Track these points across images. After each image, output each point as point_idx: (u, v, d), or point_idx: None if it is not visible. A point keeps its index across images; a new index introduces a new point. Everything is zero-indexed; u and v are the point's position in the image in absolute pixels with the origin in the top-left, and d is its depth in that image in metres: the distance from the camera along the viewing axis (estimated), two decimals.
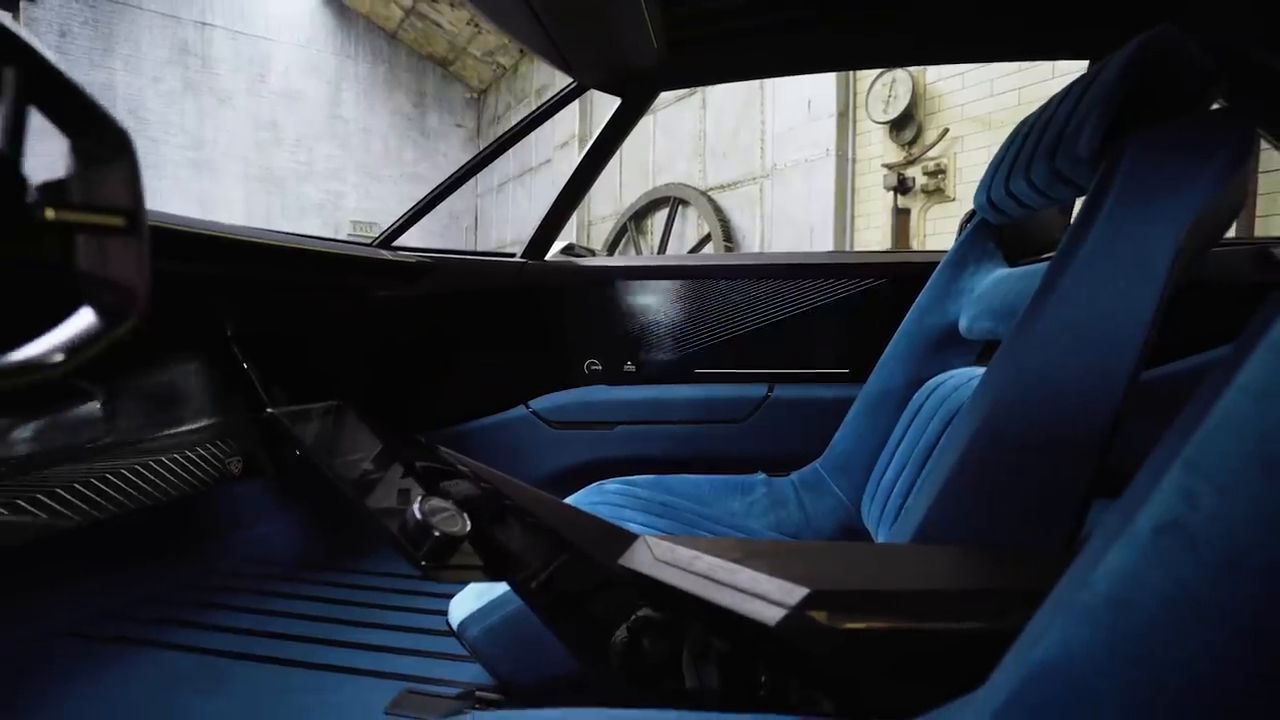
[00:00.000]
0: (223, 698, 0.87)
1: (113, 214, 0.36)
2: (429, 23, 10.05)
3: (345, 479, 0.57)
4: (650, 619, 0.58)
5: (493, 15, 1.00)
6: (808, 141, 5.01)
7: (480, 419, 1.49)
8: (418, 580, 1.21)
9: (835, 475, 1.12)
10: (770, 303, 1.45)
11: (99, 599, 1.11)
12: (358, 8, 10.26)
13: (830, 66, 1.17)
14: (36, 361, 0.33)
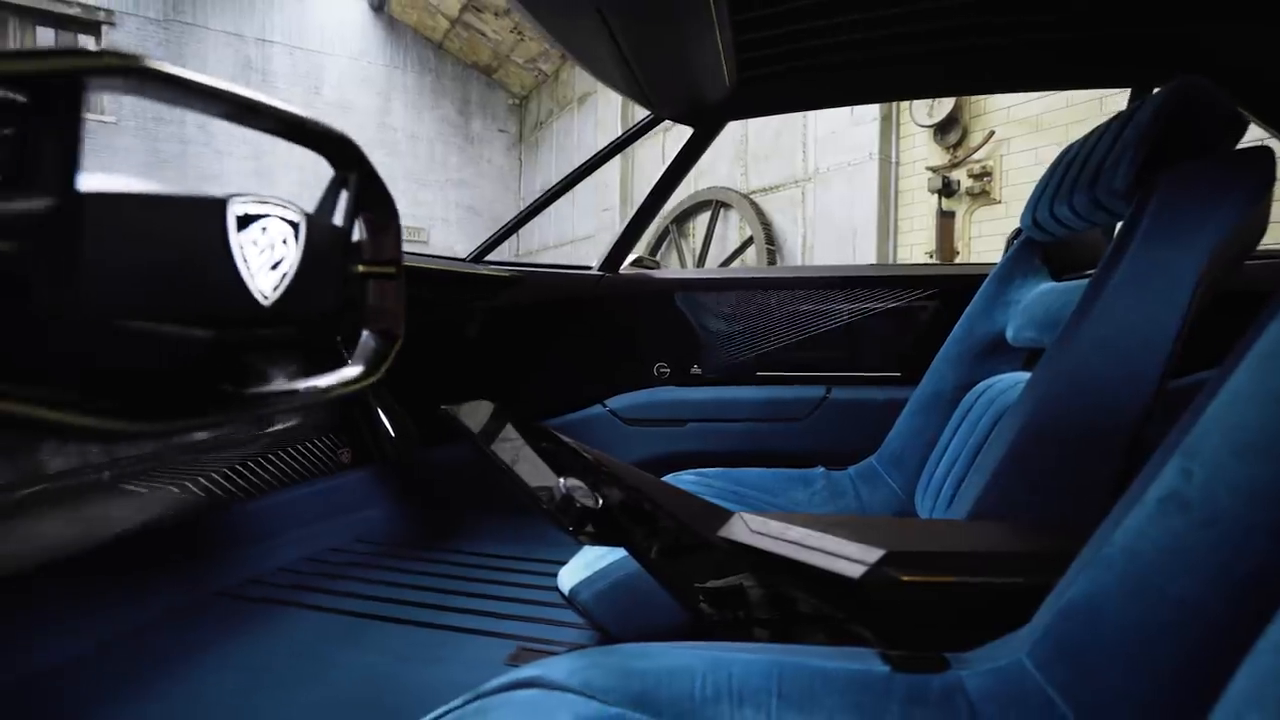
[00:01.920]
0: (364, 651, 1.03)
1: (388, 265, 0.51)
2: (474, 32, 10.35)
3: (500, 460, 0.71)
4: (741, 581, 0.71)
5: (584, 61, 1.14)
6: (850, 145, 5.05)
7: (564, 415, 1.64)
8: (514, 559, 1.37)
9: (889, 469, 1.23)
10: (827, 311, 1.56)
11: (241, 568, 1.29)
12: (406, 20, 10.63)
13: (890, 97, 1.28)
14: (356, 378, 0.48)
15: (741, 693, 0.52)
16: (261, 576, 1.28)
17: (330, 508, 1.47)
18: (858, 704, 0.51)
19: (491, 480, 1.63)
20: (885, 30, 1.07)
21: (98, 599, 1.08)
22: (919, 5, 1.00)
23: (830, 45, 1.10)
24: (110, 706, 0.90)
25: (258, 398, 0.38)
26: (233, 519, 1.30)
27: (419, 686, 0.93)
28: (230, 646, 1.05)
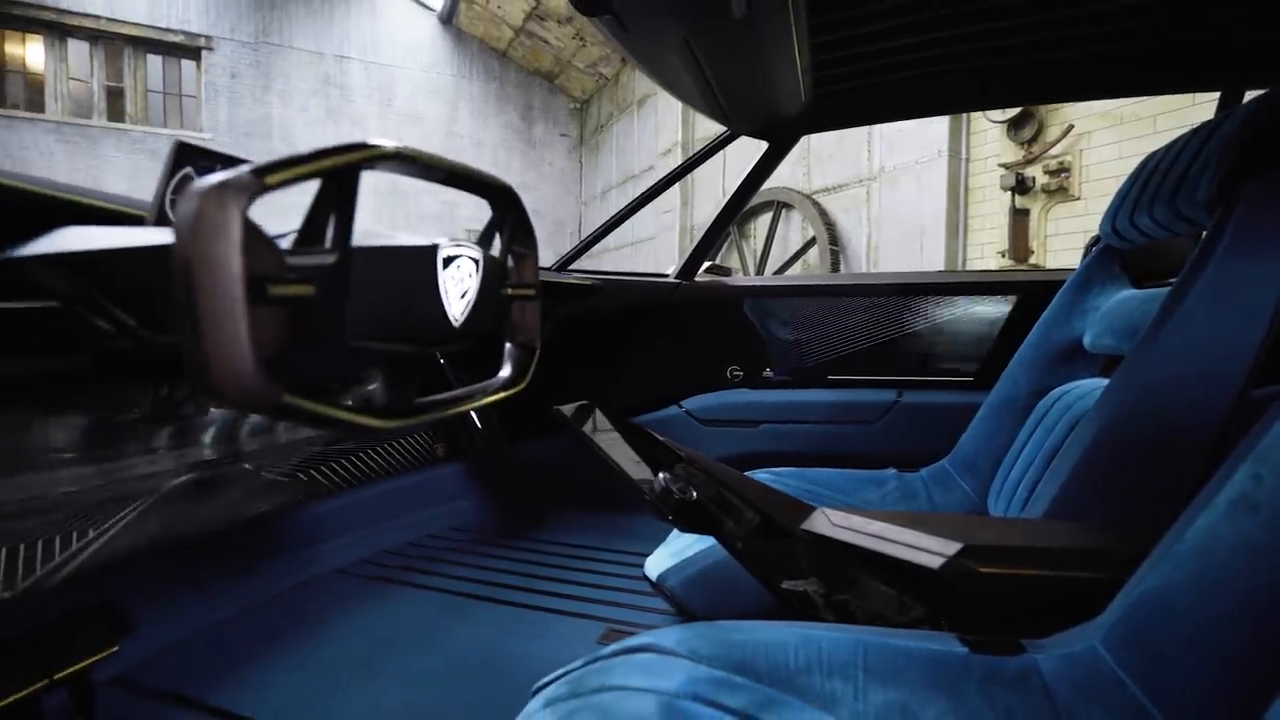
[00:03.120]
0: (471, 626, 1.15)
1: (529, 288, 0.61)
2: (537, 40, 10.63)
3: (605, 455, 0.80)
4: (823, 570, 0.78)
5: (667, 84, 1.22)
6: (918, 143, 4.95)
7: (642, 415, 1.73)
8: (596, 548, 1.47)
9: (962, 472, 1.25)
10: (898, 317, 1.59)
11: (355, 549, 1.43)
12: (473, 31, 11.02)
13: (966, 108, 1.30)
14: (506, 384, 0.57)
15: (830, 665, 0.58)
16: (371, 558, 1.43)
17: (427, 498, 1.61)
18: (937, 680, 0.56)
19: (573, 475, 1.74)
20: (964, 45, 1.10)
21: (240, 570, 1.24)
22: (997, 22, 1.02)
23: (906, 61, 1.14)
24: (260, 662, 1.04)
25: (447, 401, 0.48)
26: (346, 505, 1.45)
27: (522, 658, 1.04)
28: (354, 617, 1.18)
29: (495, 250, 0.62)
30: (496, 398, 0.54)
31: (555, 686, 0.57)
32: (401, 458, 1.58)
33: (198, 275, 0.30)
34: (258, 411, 0.34)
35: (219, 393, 0.31)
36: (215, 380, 0.31)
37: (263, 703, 0.94)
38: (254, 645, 1.09)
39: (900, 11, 0.98)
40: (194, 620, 1.13)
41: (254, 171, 0.33)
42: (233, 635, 1.12)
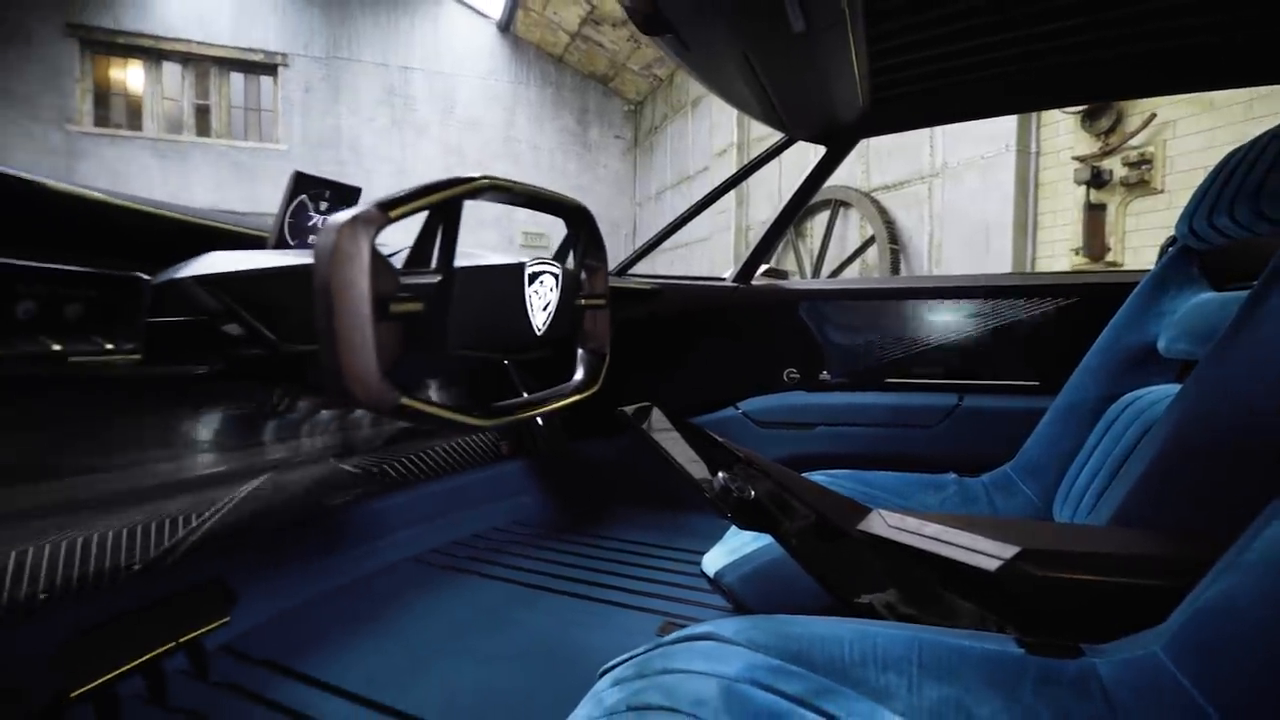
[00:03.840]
0: (536, 614, 1.21)
1: (600, 298, 0.66)
2: (592, 44, 10.77)
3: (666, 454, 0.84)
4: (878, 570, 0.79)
5: (725, 94, 1.25)
6: (984, 136, 4.77)
7: (699, 416, 1.77)
8: (654, 545, 1.52)
9: (1026, 478, 1.23)
10: (959, 320, 1.57)
11: (427, 538, 1.53)
12: (529, 38, 11.26)
13: (1034, 107, 1.27)
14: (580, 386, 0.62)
15: (885, 660, 0.60)
16: (442, 547, 1.52)
17: (492, 493, 1.69)
18: (992, 679, 0.58)
19: (631, 474, 1.79)
20: (1027, 46, 1.08)
21: (326, 554, 1.35)
22: (1061, 21, 1.01)
23: (967, 64, 1.14)
24: (347, 639, 1.13)
25: (531, 403, 0.53)
26: (418, 497, 1.55)
27: (585, 646, 1.09)
28: (429, 601, 1.27)
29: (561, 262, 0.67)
30: (572, 400, 0.59)
31: (622, 668, 0.62)
32: (468, 454, 1.67)
33: (335, 297, 0.36)
34: (380, 412, 0.39)
35: (349, 396, 0.37)
36: (347, 385, 0.37)
37: (351, 676, 1.02)
38: (340, 624, 1.19)
39: (961, 16, 0.98)
40: (287, 598, 1.24)
41: (379, 206, 0.39)
42: (321, 614, 1.22)
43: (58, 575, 0.89)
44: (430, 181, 0.43)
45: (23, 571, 0.85)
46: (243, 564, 1.18)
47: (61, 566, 0.90)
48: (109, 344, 0.54)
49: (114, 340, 0.55)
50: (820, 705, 0.55)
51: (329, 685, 1.00)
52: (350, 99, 10.44)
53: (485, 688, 0.99)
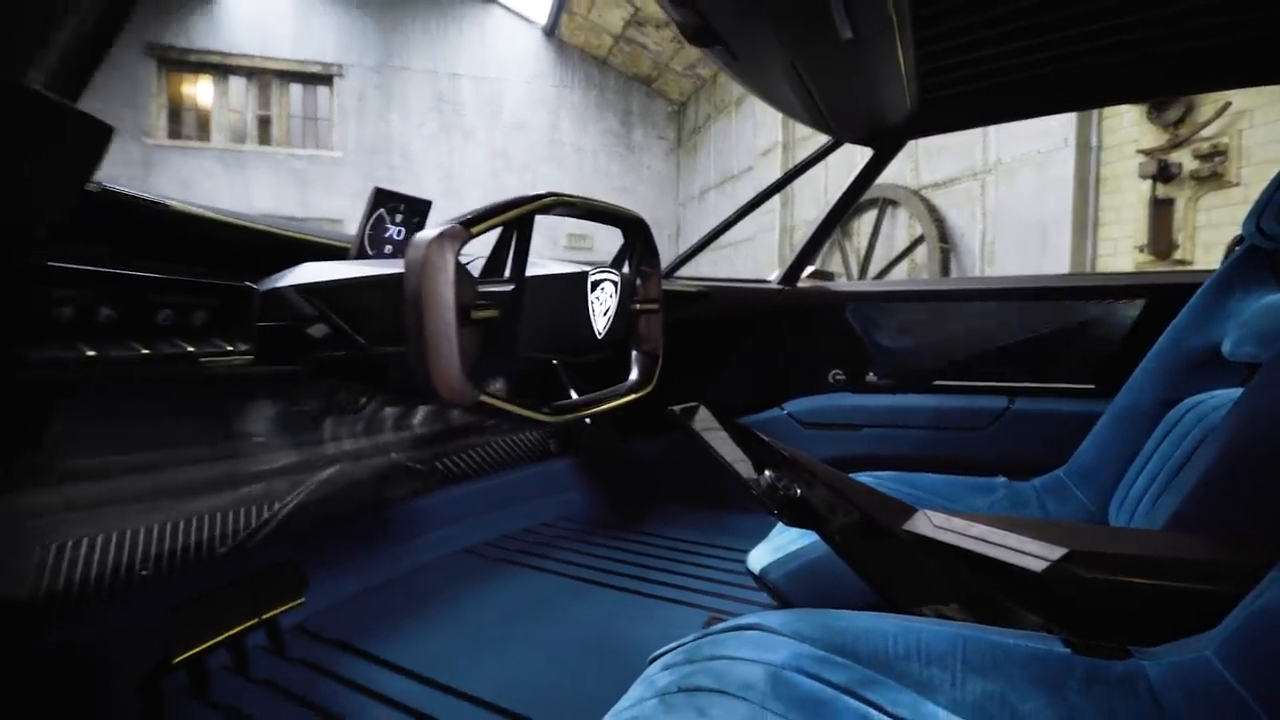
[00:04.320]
0: (585, 606, 1.26)
1: (654, 302, 0.70)
2: (636, 46, 10.84)
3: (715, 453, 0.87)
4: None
5: (771, 100, 1.27)
6: (1040, 131, 4.61)
7: (744, 417, 1.79)
8: (698, 543, 1.55)
9: (1079, 482, 1.21)
10: (1010, 321, 1.54)
11: (479, 531, 1.59)
12: (573, 41, 11.40)
13: (1087, 105, 1.24)
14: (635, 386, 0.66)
15: (929, 654, 0.62)
16: (493, 540, 1.58)
17: (541, 489, 1.75)
18: (1038, 676, 0.59)
19: (675, 473, 1.82)
20: (1080, 44, 1.07)
21: (387, 544, 1.43)
22: (1115, 19, 0.99)
23: (1017, 64, 1.13)
24: (409, 624, 1.20)
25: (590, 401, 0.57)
26: (472, 492, 1.62)
27: (632, 637, 1.13)
28: (483, 591, 1.33)
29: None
30: (628, 399, 0.63)
31: (671, 654, 0.65)
32: (518, 452, 1.73)
33: (424, 306, 0.41)
34: (460, 408, 0.44)
35: (435, 394, 0.42)
36: (434, 384, 0.41)
37: (413, 657, 1.09)
38: (401, 609, 1.26)
39: (1010, 18, 0.97)
40: (352, 584, 1.32)
41: (462, 223, 0.44)
42: (383, 599, 1.30)
43: (155, 554, 0.98)
44: (504, 200, 0.47)
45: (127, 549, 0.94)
46: (313, 550, 1.27)
47: (156, 546, 0.99)
48: (229, 346, 0.62)
49: (232, 342, 0.62)
50: (864, 694, 0.57)
51: (393, 664, 1.07)
52: (401, 106, 10.77)
53: (538, 671, 1.04)
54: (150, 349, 0.58)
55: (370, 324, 0.57)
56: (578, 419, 0.57)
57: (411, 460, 1.46)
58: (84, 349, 0.54)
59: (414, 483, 1.46)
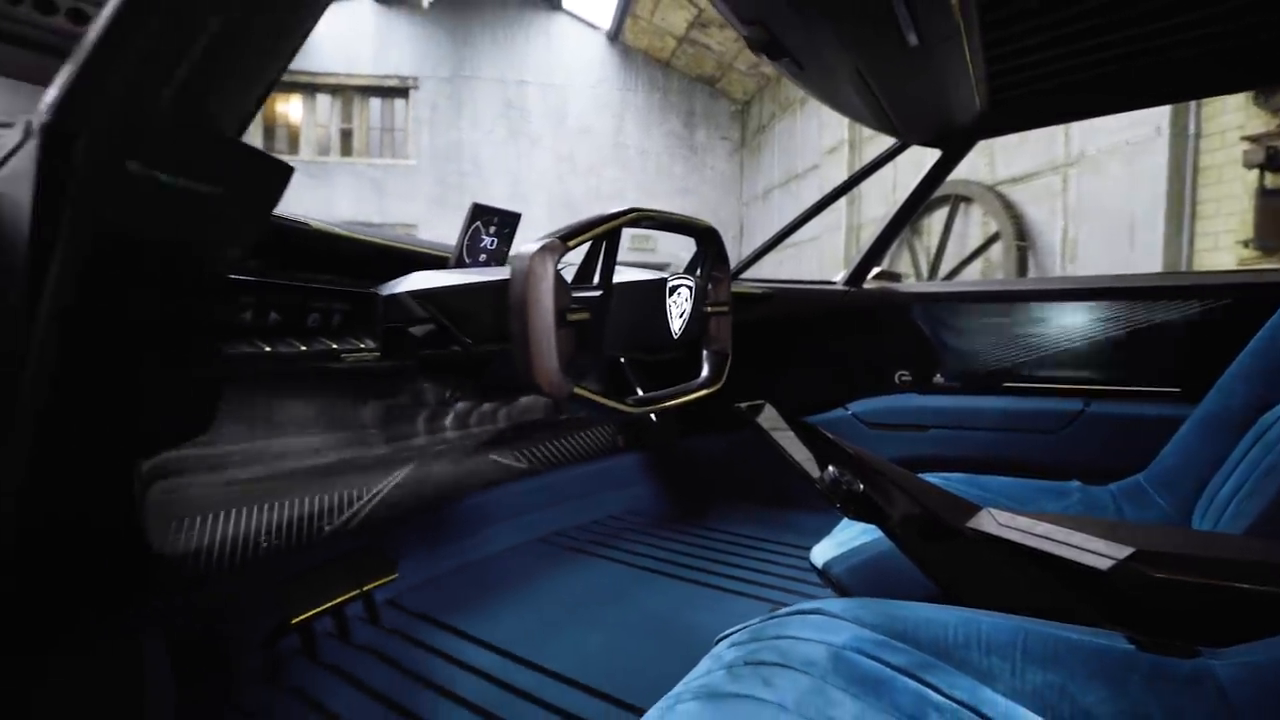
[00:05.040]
0: (650, 594, 1.32)
1: (723, 305, 0.75)
2: (699, 47, 10.85)
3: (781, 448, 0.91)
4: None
5: (838, 106, 1.29)
6: (1129, 120, 4.35)
7: (809, 417, 1.81)
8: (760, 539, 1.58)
9: (1160, 489, 1.17)
10: (1085, 322, 1.50)
11: (552, 521, 1.68)
12: (637, 45, 11.52)
13: (1165, 100, 1.20)
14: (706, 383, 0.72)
15: (990, 644, 0.64)
16: (565, 530, 1.67)
17: (610, 482, 1.83)
18: (1099, 671, 0.60)
19: (739, 470, 1.86)
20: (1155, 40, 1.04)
21: (467, 531, 1.53)
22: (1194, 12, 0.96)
23: (1092, 61, 1.11)
24: (490, 602, 1.30)
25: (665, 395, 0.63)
26: (545, 484, 1.71)
27: (698, 623, 1.18)
28: (556, 576, 1.41)
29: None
30: (700, 394, 0.68)
31: (738, 634, 0.70)
32: (589, 447, 1.81)
33: (528, 310, 0.47)
34: (557, 398, 0.51)
35: (536, 386, 0.49)
36: (535, 378, 0.48)
37: (494, 633, 1.18)
38: (482, 590, 1.36)
39: (1081, 17, 0.97)
40: (437, 566, 1.43)
41: (560, 238, 0.50)
42: (465, 580, 1.40)
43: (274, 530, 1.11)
44: (594, 216, 0.54)
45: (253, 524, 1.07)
46: (403, 533, 1.38)
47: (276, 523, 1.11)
48: (360, 344, 0.72)
49: (362, 340, 0.72)
50: (922, 676, 0.60)
51: (474, 638, 1.16)
52: (471, 114, 11.18)
53: (609, 651, 1.10)
54: (307, 346, 0.69)
55: (473, 325, 0.65)
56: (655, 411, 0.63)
57: (492, 453, 1.56)
58: (262, 345, 0.65)
59: (492, 474, 1.56)
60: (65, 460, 0.51)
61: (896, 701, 0.57)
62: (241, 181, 0.48)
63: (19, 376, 0.42)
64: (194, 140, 0.43)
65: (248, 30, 0.41)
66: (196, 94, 0.41)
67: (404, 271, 0.77)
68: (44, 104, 0.38)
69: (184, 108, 0.41)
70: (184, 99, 0.40)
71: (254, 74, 0.45)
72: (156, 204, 0.42)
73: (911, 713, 0.56)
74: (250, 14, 0.41)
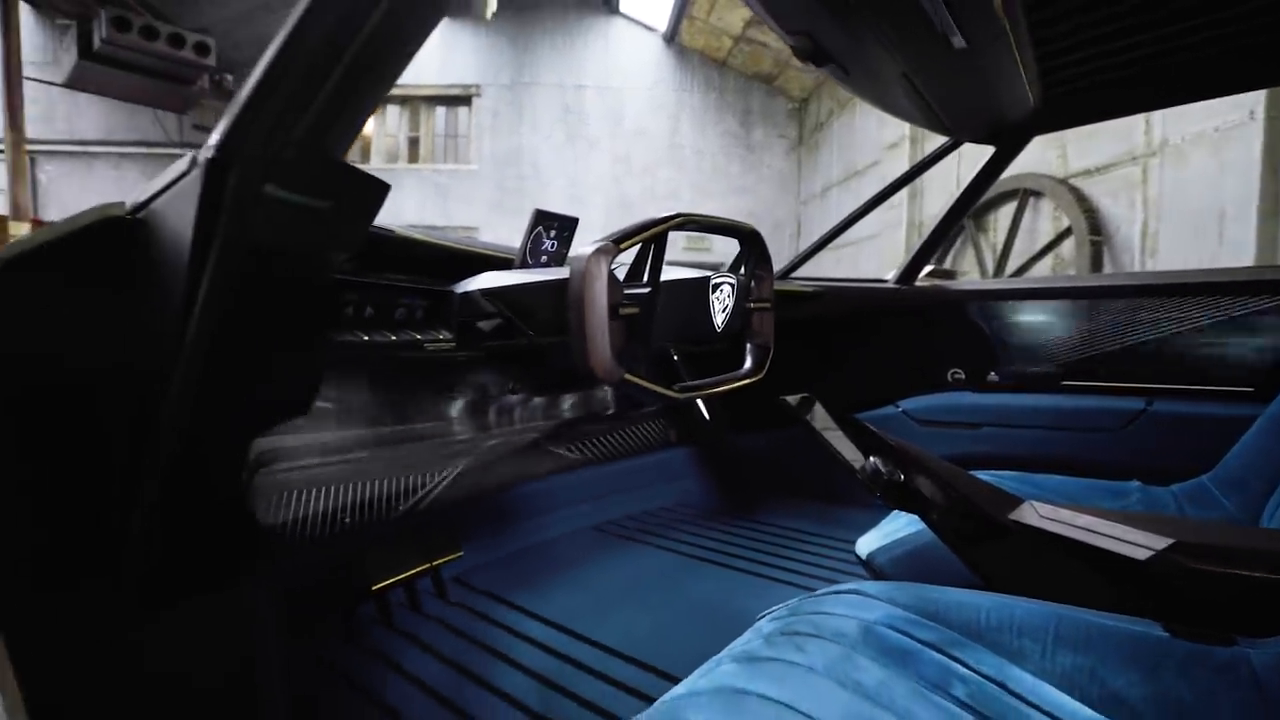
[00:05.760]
0: (698, 581, 1.37)
1: (766, 301, 0.80)
2: (756, 45, 10.76)
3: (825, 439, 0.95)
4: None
5: (887, 108, 1.31)
6: (1218, 105, 4.08)
7: (860, 413, 1.82)
8: (805, 532, 1.61)
9: (1226, 491, 1.14)
10: (1149, 319, 1.45)
11: (607, 510, 1.76)
12: (693, 45, 11.53)
13: (1231, 90, 1.16)
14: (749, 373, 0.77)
15: (1022, 628, 0.66)
16: (617, 519, 1.74)
17: (661, 475, 1.89)
18: (1132, 656, 0.61)
19: (788, 465, 1.89)
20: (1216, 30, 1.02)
21: (526, 515, 1.62)
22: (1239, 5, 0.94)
23: (1143, 56, 1.09)
24: (547, 583, 1.38)
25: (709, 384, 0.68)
26: (600, 475, 1.79)
27: (743, 609, 1.23)
28: (608, 562, 1.49)
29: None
30: (743, 384, 0.74)
31: (778, 611, 0.75)
32: (642, 440, 1.88)
33: (585, 305, 0.54)
34: (610, 383, 0.57)
35: (591, 373, 0.55)
36: (590, 365, 0.55)
37: (551, 609, 1.26)
38: (539, 571, 1.44)
39: (1132, 13, 0.96)
40: (498, 548, 1.53)
41: (613, 241, 0.57)
42: (524, 562, 1.49)
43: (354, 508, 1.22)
44: (644, 220, 0.61)
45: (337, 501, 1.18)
46: (468, 515, 1.48)
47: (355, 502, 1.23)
48: (439, 335, 0.81)
49: (440, 332, 0.81)
50: (950, 651, 0.63)
51: (534, 614, 1.25)
52: (531, 119, 11.45)
53: (658, 629, 1.17)
54: (396, 336, 0.79)
55: (535, 319, 0.73)
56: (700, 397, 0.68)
57: (550, 445, 1.65)
58: (361, 335, 0.76)
59: (551, 464, 1.65)
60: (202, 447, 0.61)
61: (921, 672, 0.61)
62: (348, 197, 0.57)
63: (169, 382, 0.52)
64: (314, 164, 0.53)
65: (363, 72, 0.50)
66: (320, 128, 0.50)
67: (474, 272, 0.86)
68: (209, 143, 0.48)
69: (309, 139, 0.50)
70: (310, 132, 0.49)
71: (363, 106, 0.54)
72: (284, 218, 0.52)
73: (936, 682, 0.60)
74: (368, 60, 0.49)
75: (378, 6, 0.48)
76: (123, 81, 7.61)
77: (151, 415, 0.52)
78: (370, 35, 0.49)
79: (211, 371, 0.52)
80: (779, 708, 0.52)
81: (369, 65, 0.51)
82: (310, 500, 1.14)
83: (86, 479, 0.55)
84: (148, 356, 0.52)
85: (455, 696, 0.98)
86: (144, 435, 0.54)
